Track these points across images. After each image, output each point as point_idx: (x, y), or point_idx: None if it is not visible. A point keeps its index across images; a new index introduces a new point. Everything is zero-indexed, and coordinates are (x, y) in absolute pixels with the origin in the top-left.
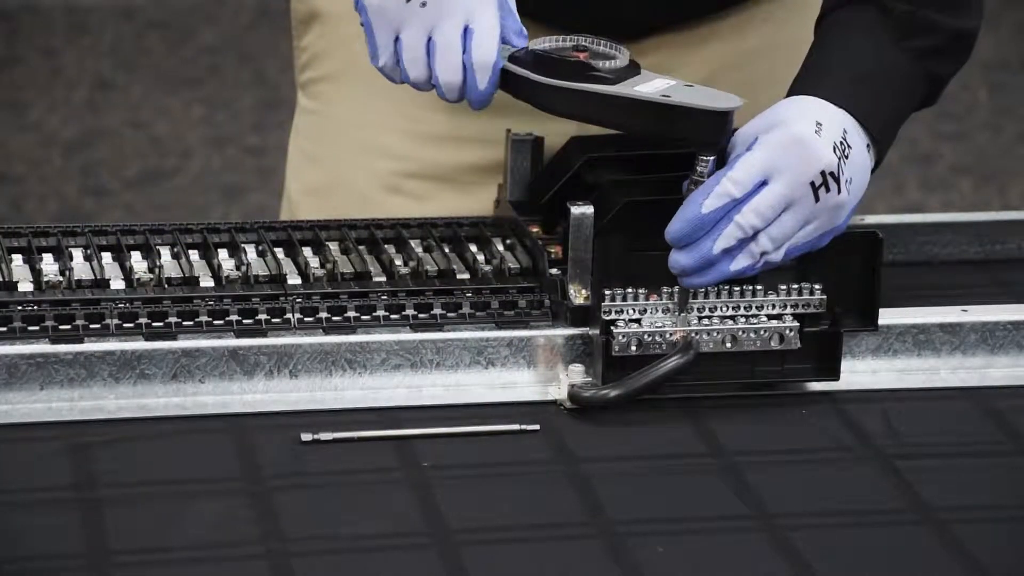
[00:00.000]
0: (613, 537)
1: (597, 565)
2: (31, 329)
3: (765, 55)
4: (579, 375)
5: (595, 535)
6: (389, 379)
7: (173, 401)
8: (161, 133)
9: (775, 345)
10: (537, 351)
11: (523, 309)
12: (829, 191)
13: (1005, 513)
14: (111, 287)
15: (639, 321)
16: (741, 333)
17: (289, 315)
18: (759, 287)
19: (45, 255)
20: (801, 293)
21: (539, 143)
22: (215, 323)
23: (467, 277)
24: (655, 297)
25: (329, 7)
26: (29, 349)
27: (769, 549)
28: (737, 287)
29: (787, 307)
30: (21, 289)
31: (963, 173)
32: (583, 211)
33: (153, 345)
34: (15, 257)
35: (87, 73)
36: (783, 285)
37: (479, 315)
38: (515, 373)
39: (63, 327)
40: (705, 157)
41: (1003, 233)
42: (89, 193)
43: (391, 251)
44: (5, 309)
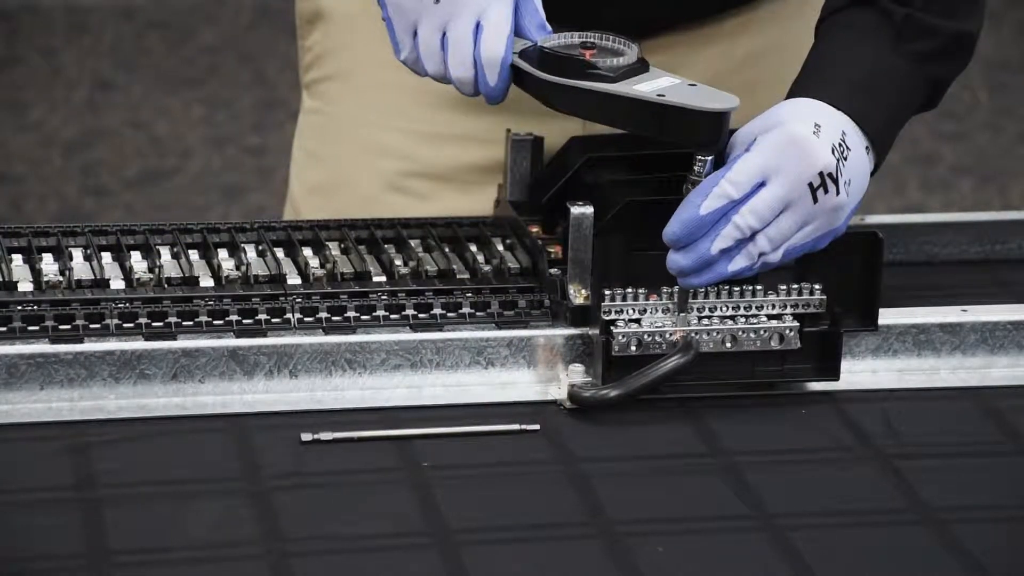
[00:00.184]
0: (613, 537)
1: (597, 565)
2: (31, 329)
3: (769, 56)
4: (579, 375)
5: (595, 535)
6: (389, 379)
7: (173, 401)
8: (161, 133)
9: (775, 345)
10: (537, 351)
11: (523, 309)
12: (827, 192)
13: (1005, 513)
14: (111, 287)
15: (639, 321)
16: (741, 333)
17: (289, 315)
18: (759, 287)
19: (45, 255)
20: (801, 293)
21: (539, 143)
22: (215, 323)
23: (467, 277)
24: (655, 297)
25: (334, 7)
26: (29, 349)
27: (769, 549)
28: (737, 287)
29: (787, 307)
30: (21, 289)
31: (963, 173)
32: (583, 211)
33: (153, 345)
34: (15, 257)
35: (87, 73)
36: (783, 285)
37: (479, 315)
38: (515, 373)
39: (63, 327)
40: (702, 157)
41: (1003, 233)
42: (89, 193)
43: (391, 251)
44: (5, 309)
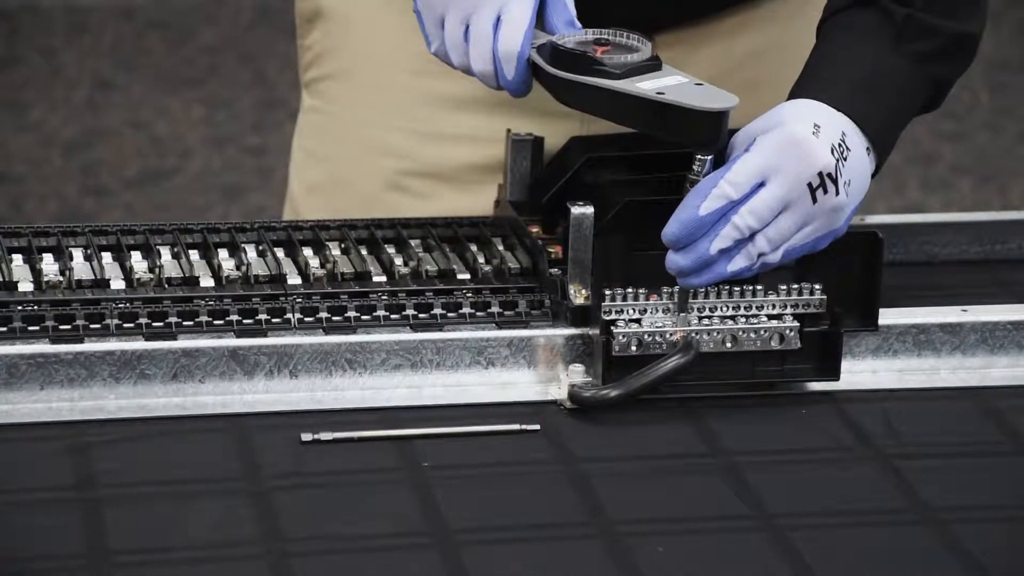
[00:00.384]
0: (613, 537)
1: (597, 565)
2: (31, 329)
3: (770, 54)
4: (579, 375)
5: (595, 535)
6: (389, 379)
7: (173, 401)
8: (161, 133)
9: (775, 345)
10: (537, 351)
11: (523, 309)
12: (827, 193)
13: (1005, 513)
14: (111, 287)
15: (639, 321)
16: (741, 333)
17: (289, 315)
18: (759, 287)
19: (45, 255)
20: (801, 293)
21: (539, 143)
22: (215, 323)
23: (467, 277)
24: (655, 297)
25: (334, 6)
26: (29, 349)
27: (769, 549)
28: (737, 287)
29: (787, 307)
30: (21, 289)
31: (963, 173)
32: (583, 211)
33: (153, 345)
34: (15, 257)
35: (87, 73)
36: (783, 285)
37: (479, 315)
38: (515, 373)
39: (63, 327)
40: (702, 157)
41: (1003, 233)
42: (89, 193)
43: (391, 251)
44: (5, 309)
